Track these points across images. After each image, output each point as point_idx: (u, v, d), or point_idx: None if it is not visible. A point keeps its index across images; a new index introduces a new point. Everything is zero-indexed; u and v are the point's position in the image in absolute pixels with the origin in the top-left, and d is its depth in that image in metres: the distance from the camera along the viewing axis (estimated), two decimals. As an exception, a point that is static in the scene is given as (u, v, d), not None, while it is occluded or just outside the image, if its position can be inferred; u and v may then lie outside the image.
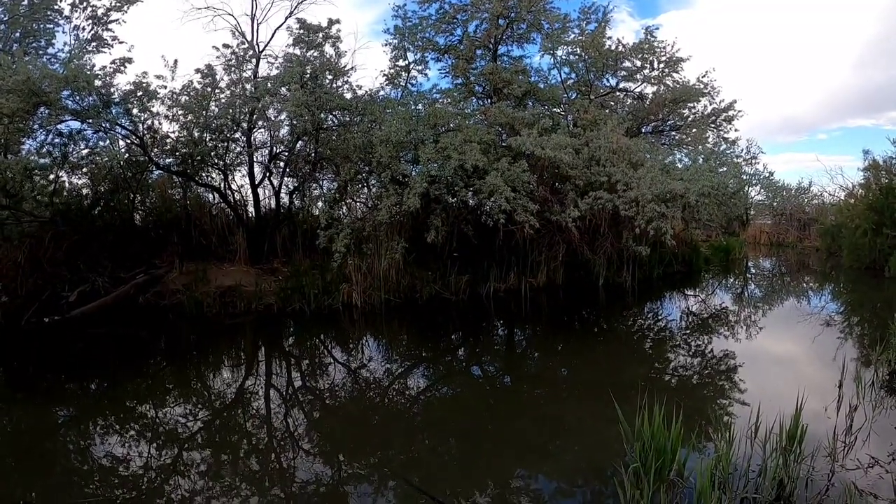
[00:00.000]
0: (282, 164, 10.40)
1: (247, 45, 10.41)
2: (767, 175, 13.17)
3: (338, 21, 9.79)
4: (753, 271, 16.21)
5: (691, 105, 13.16)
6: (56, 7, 11.50)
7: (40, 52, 11.43)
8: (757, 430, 4.03)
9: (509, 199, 8.83)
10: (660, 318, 9.93)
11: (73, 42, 11.54)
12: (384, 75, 11.26)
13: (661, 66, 12.81)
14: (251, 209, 10.73)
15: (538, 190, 9.58)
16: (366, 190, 10.15)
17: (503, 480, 4.05)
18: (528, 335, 9.15)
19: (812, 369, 6.30)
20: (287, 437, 5.03)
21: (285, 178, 10.48)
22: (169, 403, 6.14)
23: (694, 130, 12.90)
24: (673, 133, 13.22)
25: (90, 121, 9.32)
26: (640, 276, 11.45)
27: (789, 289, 13.04)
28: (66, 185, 10.45)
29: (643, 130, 12.72)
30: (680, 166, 11.50)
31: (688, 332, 8.62)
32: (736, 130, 13.27)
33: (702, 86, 13.03)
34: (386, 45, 11.72)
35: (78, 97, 9.22)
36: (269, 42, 10.78)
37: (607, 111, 11.89)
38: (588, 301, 10.67)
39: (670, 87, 12.84)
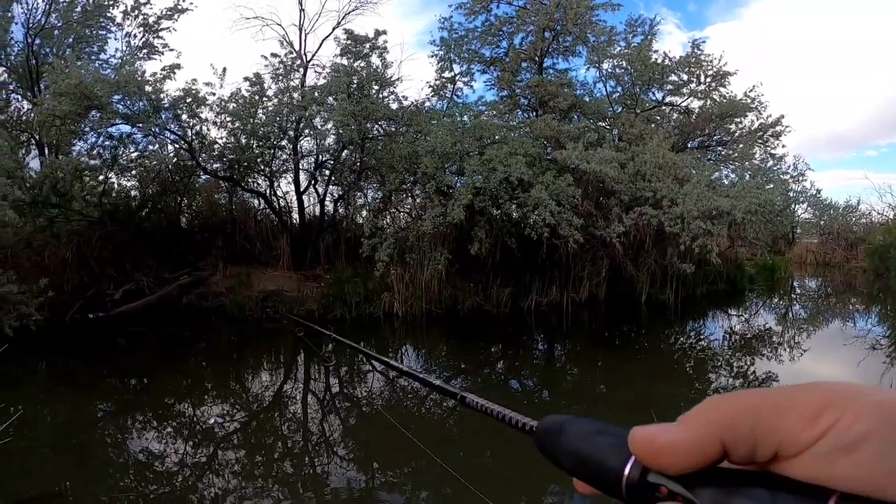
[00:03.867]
0: (327, 172, 10.48)
1: (294, 55, 10.58)
2: (815, 193, 12.85)
3: (384, 32, 9.86)
4: (798, 291, 15.78)
5: (738, 120, 12.90)
6: (108, 14, 11.86)
7: (93, 57, 11.78)
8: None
9: (554, 213, 8.74)
10: (702, 336, 9.73)
11: (124, 48, 11.92)
12: (430, 86, 11.31)
13: (708, 79, 12.59)
14: (296, 216, 10.86)
15: (583, 204, 9.47)
16: (410, 200, 10.17)
17: (538, 497, 3.99)
18: (569, 350, 9.03)
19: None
20: (322, 442, 5.04)
21: (330, 186, 10.57)
22: (206, 402, 6.23)
23: (741, 146, 12.63)
24: (719, 148, 12.95)
25: (140, 125, 9.55)
26: (683, 293, 11.21)
27: (835, 310, 12.65)
28: (115, 186, 10.71)
29: (689, 145, 12.49)
30: (726, 182, 11.28)
31: (730, 352, 8.42)
32: (783, 146, 12.92)
33: (749, 100, 12.77)
34: (432, 56, 11.79)
35: (129, 102, 9.45)
36: (316, 52, 10.91)
37: (653, 125, 11.70)
38: (630, 317, 10.49)
39: (717, 102, 12.60)
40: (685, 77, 12.49)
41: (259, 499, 3.86)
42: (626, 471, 0.29)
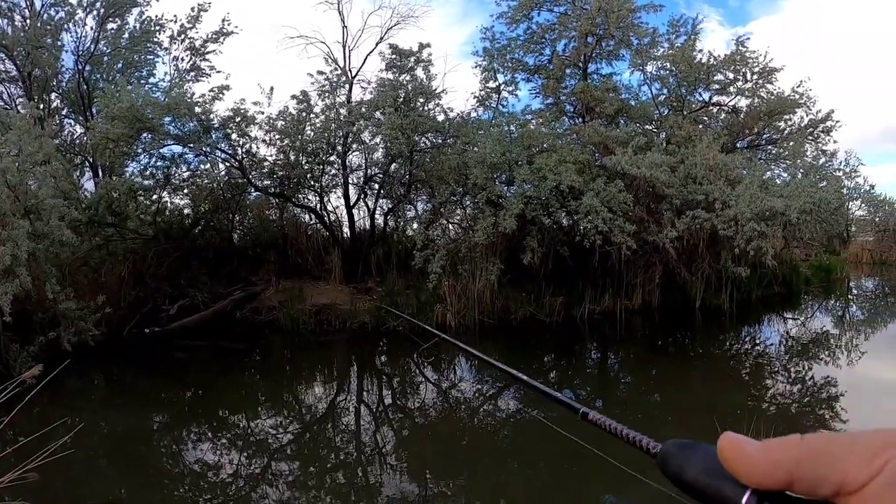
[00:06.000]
0: (376, 185, 10.58)
1: (339, 71, 10.70)
2: (868, 188, 12.38)
3: (428, 45, 9.89)
4: (855, 292, 15.29)
5: (787, 117, 12.55)
6: (155, 40, 12.19)
7: (142, 81, 12.14)
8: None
9: (606, 220, 8.63)
10: (758, 342, 9.52)
11: (172, 72, 12.24)
12: (475, 97, 11.33)
13: (755, 77, 12.28)
14: (346, 230, 10.98)
15: (634, 210, 9.32)
16: (460, 211, 10.16)
17: None
18: (622, 358, 8.91)
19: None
20: (374, 453, 5.06)
21: (380, 200, 10.68)
22: (261, 415, 6.32)
23: (791, 143, 12.27)
24: (769, 147, 12.62)
25: (191, 145, 9.79)
26: (737, 297, 10.95)
27: (893, 310, 12.20)
28: (169, 204, 10.93)
29: (738, 145, 12.20)
30: (779, 182, 10.97)
31: (787, 357, 8.26)
32: (835, 142, 12.49)
33: (797, 96, 12.40)
34: (476, 66, 11.80)
35: (179, 123, 9.69)
36: (361, 67, 11.06)
37: (701, 126, 11.48)
38: (684, 324, 10.30)
39: (765, 99, 12.28)
40: (731, 75, 12.20)
41: None
42: (744, 501, 0.32)
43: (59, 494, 3.47)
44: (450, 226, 10.28)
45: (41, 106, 10.68)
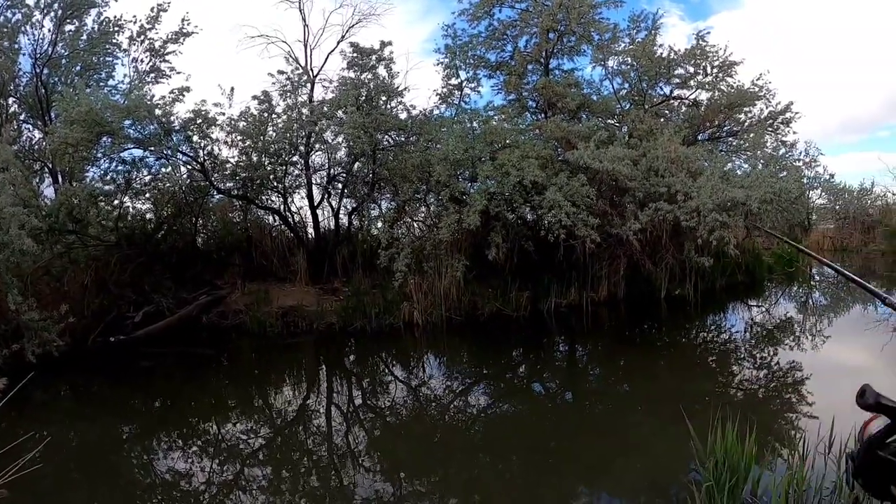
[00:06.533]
0: (340, 185, 10.53)
1: (301, 71, 10.61)
2: (828, 177, 12.69)
3: (390, 43, 9.86)
4: (818, 279, 15.63)
5: (747, 109, 12.76)
6: (114, 41, 11.96)
7: (101, 84, 11.88)
8: (831, 445, 3.80)
9: (569, 214, 8.71)
10: (723, 329, 9.68)
11: (132, 73, 12.03)
12: (437, 94, 11.33)
13: (715, 70, 12.47)
14: (311, 230, 10.90)
15: (597, 203, 9.43)
16: (424, 209, 10.17)
17: (566, 499, 3.98)
18: (590, 350, 9.01)
19: (883, 378, 5.99)
20: (347, 455, 5.06)
21: (344, 199, 10.63)
22: (231, 420, 6.27)
23: (751, 135, 12.49)
24: (730, 139, 12.85)
25: (152, 148, 9.62)
26: (702, 287, 11.14)
27: (855, 296, 12.51)
28: (130, 209, 10.74)
29: (700, 138, 12.39)
30: (739, 173, 11.17)
31: (752, 343, 8.39)
32: (794, 133, 12.76)
33: (757, 89, 12.62)
34: (438, 64, 11.79)
35: (139, 126, 9.52)
36: (322, 66, 10.96)
37: (662, 120, 11.64)
38: (650, 314, 10.44)
39: (725, 92, 12.49)
40: (692, 69, 12.37)
41: None
42: None
43: None
44: (414, 224, 10.29)
45: (-2, 111, 10.44)
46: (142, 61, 12.02)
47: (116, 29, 11.85)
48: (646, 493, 3.84)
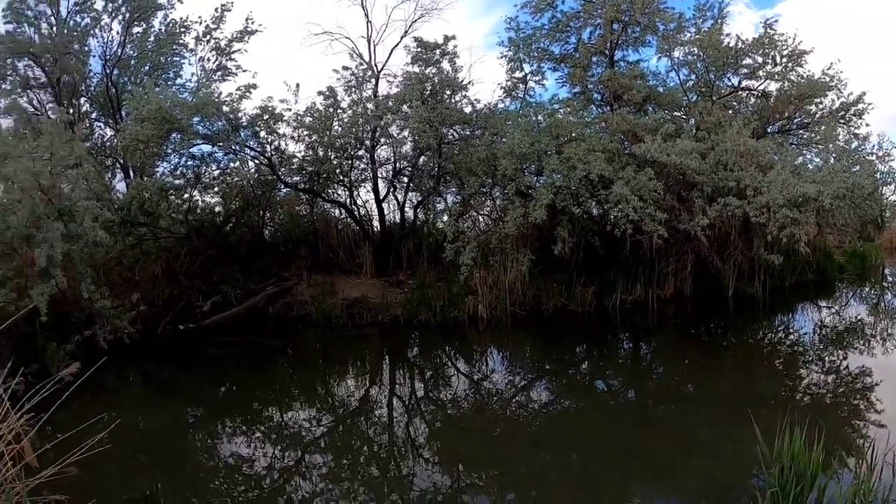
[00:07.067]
0: (405, 179, 10.66)
1: (365, 66, 10.76)
2: (903, 172, 12.07)
3: (453, 37, 9.89)
4: (891, 279, 14.98)
5: (818, 100, 12.29)
6: (181, 41, 12.30)
7: (169, 82, 12.28)
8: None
9: (637, 209, 8.57)
10: (791, 330, 9.40)
11: (199, 72, 12.35)
12: (501, 88, 11.32)
13: (784, 60, 12.05)
14: (376, 223, 11.08)
15: (665, 198, 9.24)
16: (490, 202, 10.17)
17: (626, 498, 3.92)
18: (655, 348, 8.87)
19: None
20: (407, 445, 5.11)
21: (409, 193, 10.74)
22: (295, 408, 6.43)
23: (823, 128, 12.03)
24: (801, 132, 12.39)
25: (220, 144, 9.89)
26: (771, 285, 10.79)
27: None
28: (200, 203, 11.09)
29: (769, 130, 11.99)
30: (811, 167, 10.78)
31: (821, 346, 8.11)
32: (867, 125, 12.22)
33: (828, 79, 12.14)
34: (501, 57, 11.77)
35: (208, 123, 9.80)
36: (386, 62, 11.10)
37: (731, 112, 11.31)
38: (717, 312, 10.20)
39: (794, 83, 12.05)
40: (760, 59, 11.97)
41: (345, 501, 3.96)
42: None
43: (97, 489, 3.53)
44: (480, 217, 10.30)
45: (71, 110, 10.84)
46: (208, 60, 12.34)
47: (183, 30, 12.22)
48: (708, 496, 3.78)
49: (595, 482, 4.12)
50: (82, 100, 12.22)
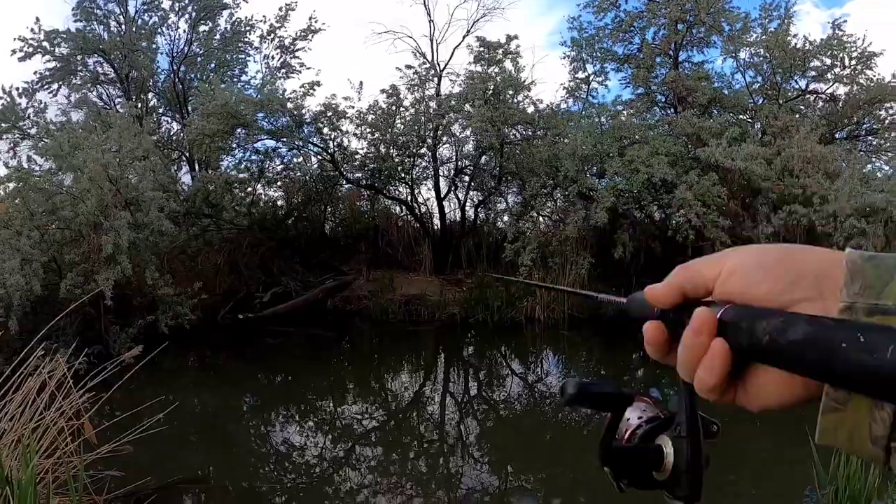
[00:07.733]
0: (466, 177, 10.75)
1: (428, 65, 10.87)
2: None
3: (516, 37, 9.95)
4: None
5: (888, 105, 11.86)
6: (246, 40, 12.63)
7: (234, 79, 12.65)
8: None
9: (699, 214, 8.47)
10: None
11: (263, 69, 12.70)
12: (564, 88, 11.27)
13: (853, 62, 11.65)
14: (436, 221, 11.21)
15: (729, 204, 9.09)
16: (551, 204, 10.18)
17: None
18: (714, 357, 8.73)
19: None
20: (457, 444, 5.16)
21: (470, 192, 10.85)
22: (347, 400, 6.56)
23: (893, 134, 11.63)
24: (870, 138, 11.97)
25: (284, 140, 10.16)
26: (835, 300, 10.49)
27: None
28: (263, 196, 11.48)
29: (837, 136, 11.64)
30: (880, 175, 10.44)
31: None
32: (940, 133, 11.75)
33: (898, 82, 11.72)
34: (564, 57, 11.70)
35: (272, 119, 10.08)
36: (449, 61, 11.20)
37: (797, 116, 11.01)
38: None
39: (864, 87, 11.63)
40: (828, 61, 11.62)
41: (392, 494, 4.04)
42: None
43: (151, 467, 3.64)
44: (540, 218, 10.32)
45: (139, 105, 11.28)
46: (273, 58, 12.69)
47: (248, 28, 12.57)
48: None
49: (644, 497, 4.15)
50: (150, 95, 12.70)
